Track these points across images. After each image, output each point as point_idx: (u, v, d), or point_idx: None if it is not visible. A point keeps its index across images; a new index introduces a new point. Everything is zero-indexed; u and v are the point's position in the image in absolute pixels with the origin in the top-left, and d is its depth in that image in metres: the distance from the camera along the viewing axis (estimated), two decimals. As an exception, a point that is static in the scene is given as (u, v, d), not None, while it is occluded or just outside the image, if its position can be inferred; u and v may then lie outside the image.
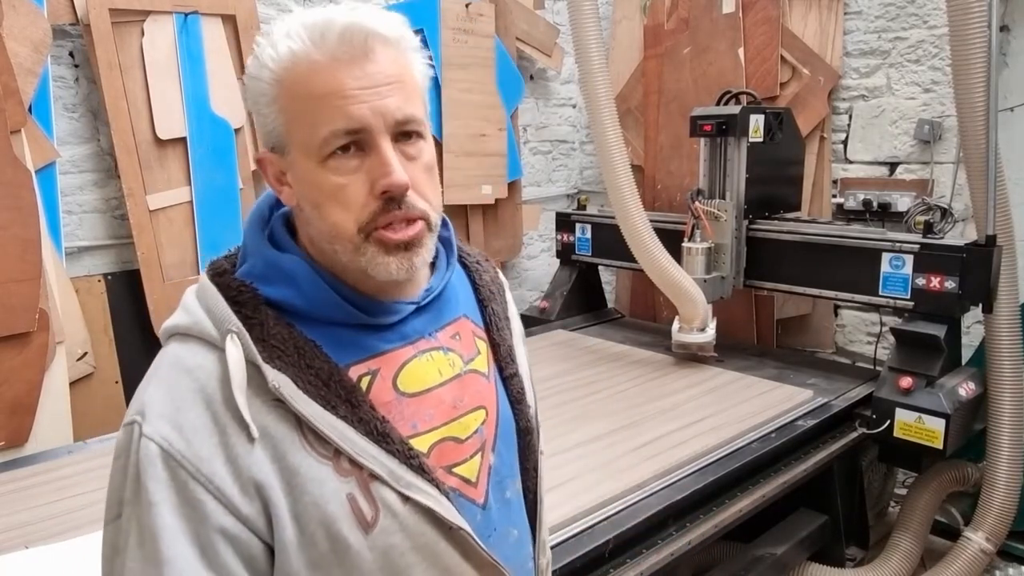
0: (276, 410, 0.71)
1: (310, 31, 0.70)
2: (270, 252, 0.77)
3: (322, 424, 0.71)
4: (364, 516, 0.72)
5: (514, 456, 0.89)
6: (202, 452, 0.68)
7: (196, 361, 0.72)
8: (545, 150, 3.95)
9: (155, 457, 0.68)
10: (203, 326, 0.73)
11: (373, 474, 0.73)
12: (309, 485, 0.70)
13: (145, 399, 0.71)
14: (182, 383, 0.71)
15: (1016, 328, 2.33)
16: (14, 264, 2.15)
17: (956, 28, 2.13)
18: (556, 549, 1.53)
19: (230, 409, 0.69)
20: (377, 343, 0.78)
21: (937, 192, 2.93)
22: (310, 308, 0.75)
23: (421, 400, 0.80)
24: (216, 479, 0.68)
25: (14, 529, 1.59)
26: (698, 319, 2.61)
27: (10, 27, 2.16)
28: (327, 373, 0.73)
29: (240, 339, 0.71)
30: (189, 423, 0.69)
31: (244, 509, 0.69)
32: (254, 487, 0.69)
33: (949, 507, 2.70)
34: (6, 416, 2.17)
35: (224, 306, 0.73)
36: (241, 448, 0.69)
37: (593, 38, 2.41)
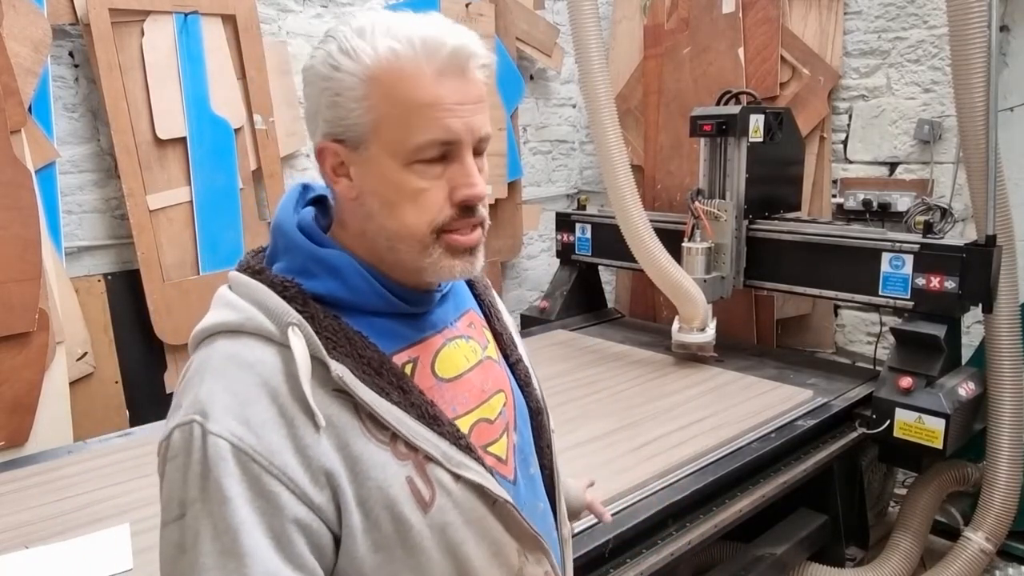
0: (337, 400, 0.74)
1: (423, 42, 0.74)
2: (311, 247, 0.79)
3: (381, 410, 0.74)
4: (423, 496, 0.76)
5: (530, 436, 0.95)
6: (272, 445, 0.70)
7: (255, 356, 0.73)
8: (545, 150, 3.95)
9: (226, 453, 0.69)
10: (258, 321, 0.74)
11: (428, 456, 0.76)
12: (372, 470, 0.73)
13: (202, 397, 0.71)
14: (244, 378, 0.72)
15: (1016, 328, 2.33)
16: (14, 264, 2.15)
17: (956, 28, 2.13)
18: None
19: (297, 401, 0.71)
20: (413, 332, 0.83)
21: (937, 192, 2.94)
22: (354, 300, 0.78)
23: (456, 385, 0.84)
24: (288, 470, 0.70)
25: (14, 529, 1.59)
26: (698, 319, 2.61)
27: (10, 27, 2.16)
28: (378, 362, 0.77)
29: (302, 331, 0.73)
30: (257, 417, 0.70)
31: (316, 499, 0.71)
32: (324, 476, 0.72)
33: (949, 507, 2.70)
34: (6, 416, 2.17)
35: (279, 301, 0.75)
36: (310, 439, 0.71)
37: (593, 38, 2.41)
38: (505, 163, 3.51)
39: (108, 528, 1.58)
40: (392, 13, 0.77)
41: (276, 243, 0.81)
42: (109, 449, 2.00)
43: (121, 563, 1.46)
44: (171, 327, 2.53)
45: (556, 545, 0.95)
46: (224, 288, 0.80)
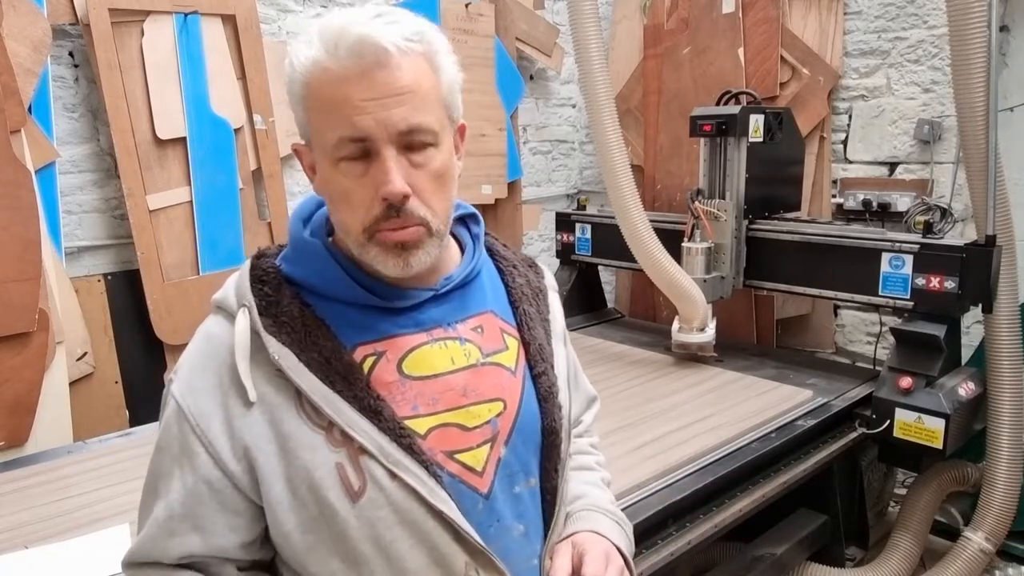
0: (277, 380, 0.79)
1: (324, 41, 0.75)
2: (296, 236, 0.86)
3: (317, 396, 0.78)
4: (352, 486, 0.78)
5: (533, 453, 0.89)
6: (204, 409, 0.79)
7: (216, 331, 0.83)
8: (545, 150, 3.95)
9: (171, 409, 0.81)
10: (227, 300, 0.84)
11: (363, 448, 0.78)
12: (301, 451, 0.78)
13: (181, 360, 0.84)
14: (202, 348, 0.83)
15: (1016, 328, 2.33)
16: (14, 264, 2.15)
17: (956, 28, 2.13)
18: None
19: (233, 375, 0.79)
20: (388, 327, 0.84)
21: (937, 192, 2.94)
22: (326, 287, 0.83)
23: (427, 384, 0.83)
24: (211, 434, 0.79)
25: (14, 529, 1.59)
26: (698, 319, 2.61)
27: (10, 27, 2.16)
28: (329, 351, 0.80)
29: (249, 313, 0.80)
30: (199, 383, 0.80)
31: (232, 466, 0.79)
32: (242, 449, 0.79)
33: (949, 507, 2.70)
34: (6, 416, 2.16)
35: (246, 283, 0.83)
36: (238, 411, 0.79)
37: (593, 38, 2.40)
38: (505, 163, 3.51)
39: (108, 528, 1.58)
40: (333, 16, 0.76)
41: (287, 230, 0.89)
42: (109, 449, 2.00)
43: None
44: (171, 327, 2.53)
45: (533, 572, 0.89)
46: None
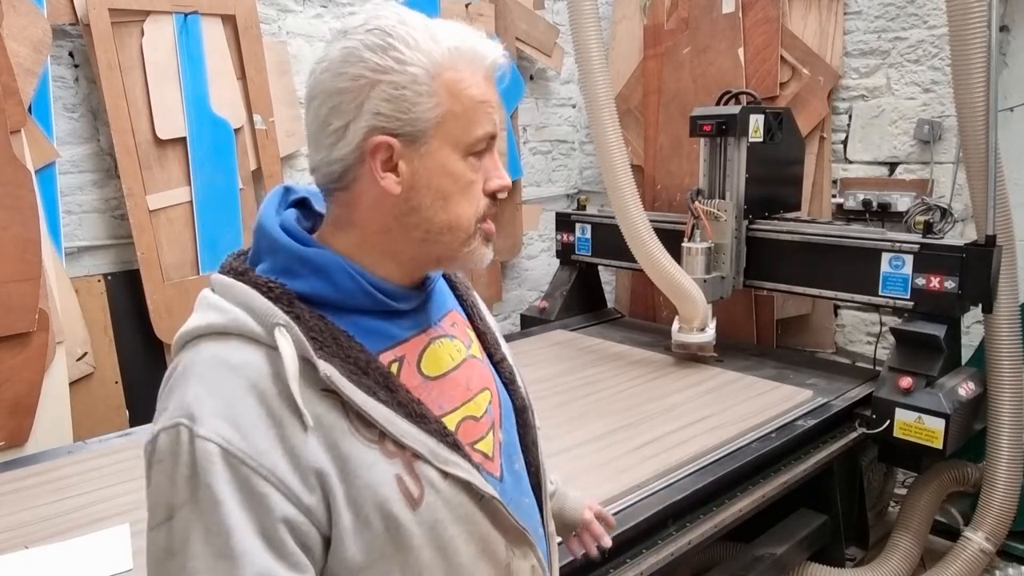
0: (325, 400, 0.74)
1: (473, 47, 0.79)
2: (295, 247, 0.78)
3: (369, 409, 0.75)
4: (411, 494, 0.76)
5: (515, 433, 0.96)
6: (260, 446, 0.70)
7: (242, 358, 0.73)
8: (545, 150, 3.95)
9: (215, 456, 0.69)
10: (243, 323, 0.74)
11: (416, 453, 0.77)
12: (361, 470, 0.74)
13: (189, 400, 0.71)
14: (230, 381, 0.72)
15: (1016, 328, 2.33)
16: (14, 264, 2.15)
17: (956, 28, 2.13)
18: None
19: (284, 402, 0.71)
20: (399, 331, 0.83)
21: (937, 192, 2.94)
22: (340, 298, 0.78)
23: (442, 383, 0.85)
24: (278, 471, 0.70)
25: (14, 529, 1.59)
26: (698, 319, 2.61)
27: (10, 27, 2.16)
28: (364, 361, 0.77)
29: (289, 332, 0.73)
30: (244, 419, 0.70)
31: (306, 499, 0.71)
32: (314, 475, 0.72)
33: (949, 507, 2.70)
34: (6, 416, 2.17)
35: (265, 301, 0.74)
36: (297, 439, 0.71)
37: (593, 38, 2.41)
38: (505, 163, 3.50)
39: (108, 528, 1.58)
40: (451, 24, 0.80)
41: (259, 244, 0.80)
42: (109, 449, 2.00)
43: (121, 563, 1.46)
44: (171, 327, 2.53)
45: (543, 540, 0.96)
46: (207, 291, 0.79)
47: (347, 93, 0.75)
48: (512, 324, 3.81)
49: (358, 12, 0.80)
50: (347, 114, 0.75)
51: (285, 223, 0.80)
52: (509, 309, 3.85)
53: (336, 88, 0.75)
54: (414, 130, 0.76)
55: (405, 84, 0.75)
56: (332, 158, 0.77)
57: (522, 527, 0.87)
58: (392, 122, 0.75)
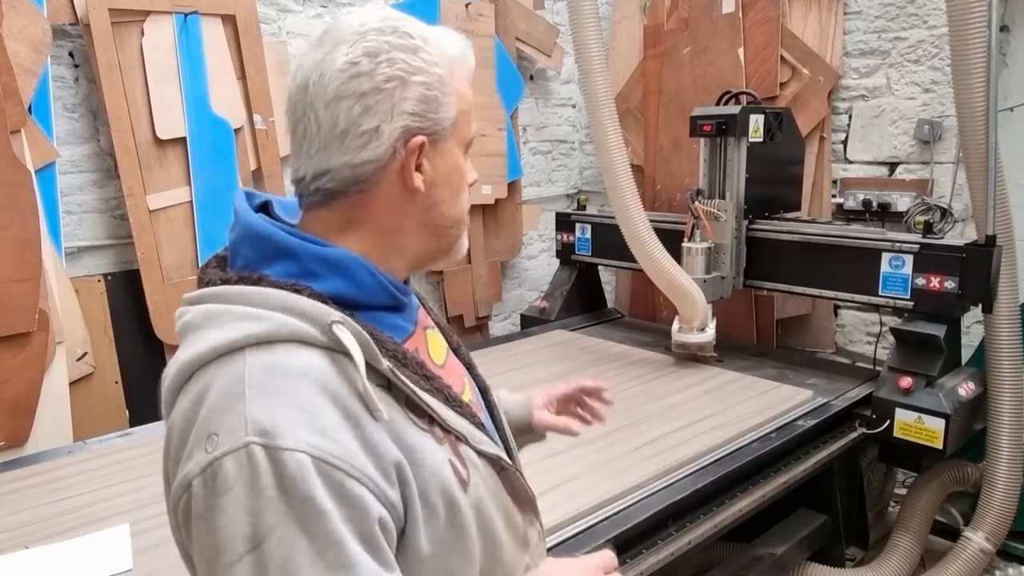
0: (384, 394, 0.74)
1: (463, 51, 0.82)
2: (316, 248, 0.76)
3: (422, 396, 0.76)
4: (462, 476, 0.78)
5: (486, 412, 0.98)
6: (350, 448, 0.68)
7: (303, 362, 0.69)
8: (545, 150, 3.95)
9: (308, 466, 0.64)
10: (293, 326, 0.70)
11: (458, 436, 0.79)
12: (425, 458, 0.74)
13: (257, 417, 0.65)
14: (300, 387, 0.68)
15: (1016, 328, 2.33)
16: (14, 264, 2.15)
17: (956, 28, 2.13)
18: (556, 549, 1.53)
19: (357, 399, 0.70)
20: (406, 324, 0.85)
21: (937, 192, 2.94)
22: (361, 296, 0.78)
23: (448, 370, 0.89)
24: (368, 471, 0.68)
25: (14, 529, 1.59)
26: (698, 319, 2.61)
27: (10, 27, 2.16)
28: (402, 353, 0.78)
29: (348, 327, 0.71)
30: (327, 423, 0.67)
31: (391, 495, 0.70)
32: (395, 469, 0.71)
33: (949, 507, 2.70)
34: (6, 416, 2.17)
35: (312, 302, 0.71)
36: (377, 435, 0.70)
37: (593, 38, 2.41)
38: (505, 163, 3.51)
39: (108, 528, 1.58)
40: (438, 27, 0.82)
41: (261, 251, 0.76)
42: (109, 449, 2.00)
43: (121, 563, 1.46)
44: (171, 327, 2.53)
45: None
46: (205, 308, 0.73)
47: (381, 93, 0.74)
48: (512, 324, 3.81)
49: (352, 13, 0.81)
50: (381, 115, 0.74)
51: (281, 226, 0.78)
52: (509, 309, 3.85)
53: (368, 88, 0.74)
54: (440, 129, 0.78)
55: (435, 85, 0.77)
56: (360, 160, 0.75)
57: (531, 494, 0.91)
58: (424, 122, 0.76)
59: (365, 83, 0.74)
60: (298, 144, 0.78)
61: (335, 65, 0.74)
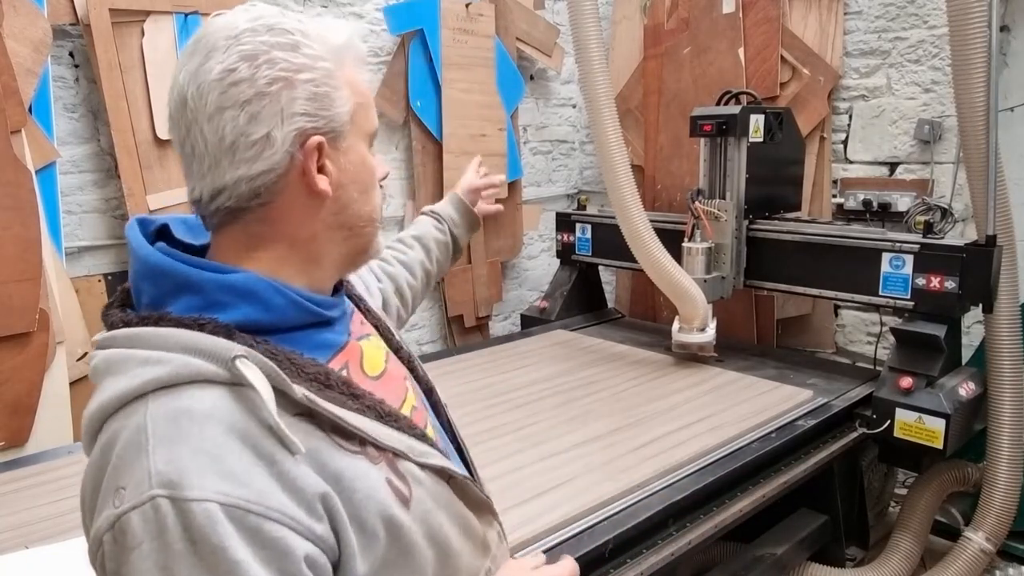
0: (301, 423, 0.70)
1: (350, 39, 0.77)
2: (217, 277, 0.72)
3: (347, 419, 0.72)
4: (402, 493, 0.75)
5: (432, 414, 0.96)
6: (263, 488, 0.65)
7: (207, 404, 0.66)
8: (545, 150, 3.95)
9: (218, 515, 0.62)
10: (195, 367, 0.66)
11: (396, 452, 0.76)
12: (356, 482, 0.71)
13: (161, 468, 0.63)
14: (205, 432, 0.64)
15: (1016, 328, 2.33)
16: (14, 264, 2.15)
17: (956, 28, 2.13)
18: (556, 549, 1.53)
19: (269, 435, 0.66)
20: (336, 338, 0.81)
21: (937, 192, 2.94)
22: (274, 319, 0.73)
23: (384, 380, 0.85)
24: (287, 509, 0.65)
25: (14, 529, 1.60)
26: (698, 319, 2.61)
27: (10, 27, 2.16)
28: (323, 374, 0.74)
29: (253, 360, 0.67)
30: (236, 466, 0.64)
31: (317, 530, 0.67)
32: (319, 502, 0.68)
33: (949, 507, 2.70)
34: (6, 416, 2.17)
35: (212, 338, 0.68)
36: (295, 470, 0.67)
37: (593, 38, 2.40)
38: (505, 163, 3.51)
39: (108, 528, 1.57)
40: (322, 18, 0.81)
41: (160, 287, 0.72)
42: (109, 449, 1.99)
43: (121, 563, 1.46)
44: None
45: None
46: (109, 353, 0.70)
47: (266, 97, 0.69)
48: (512, 324, 3.81)
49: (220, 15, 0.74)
50: (270, 120, 0.70)
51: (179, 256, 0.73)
52: (509, 309, 3.85)
53: (251, 95, 0.69)
54: (337, 126, 0.74)
55: (323, 80, 0.72)
56: (256, 172, 0.71)
57: (486, 498, 0.89)
58: (318, 121, 0.72)
59: (247, 90, 0.69)
60: (188, 163, 0.73)
61: (211, 75, 0.69)
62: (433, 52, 3.21)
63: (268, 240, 0.75)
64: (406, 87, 3.20)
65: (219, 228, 0.76)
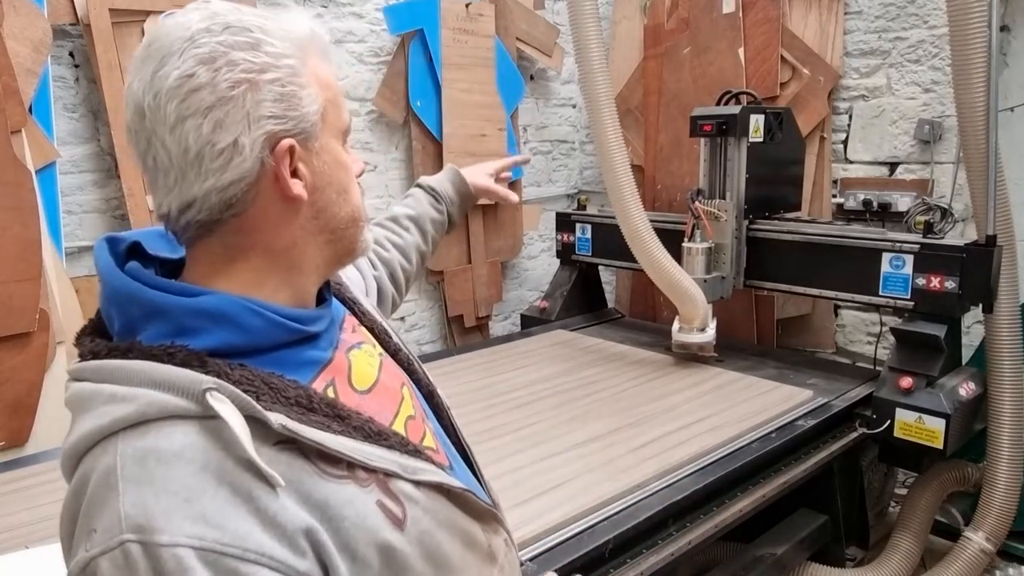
0: (281, 454, 0.66)
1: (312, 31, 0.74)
2: (185, 302, 0.68)
3: (331, 444, 0.68)
4: (396, 515, 0.71)
5: (435, 418, 0.93)
6: (240, 530, 0.61)
7: (176, 442, 0.62)
8: (545, 150, 3.95)
9: (191, 561, 0.59)
10: (162, 403, 0.63)
11: (387, 473, 0.72)
12: (344, 510, 0.67)
13: (129, 512, 0.60)
14: (174, 473, 0.61)
15: (1016, 328, 2.33)
16: (14, 264, 2.15)
17: (956, 28, 2.13)
18: (556, 549, 1.53)
19: (246, 471, 0.63)
20: (320, 354, 0.77)
21: (937, 192, 2.94)
22: (251, 341, 0.70)
23: (376, 393, 0.80)
24: (266, 549, 0.62)
25: (14, 529, 1.59)
26: (698, 319, 2.61)
27: (10, 27, 2.16)
28: (306, 397, 0.70)
29: (224, 392, 0.63)
30: (210, 507, 0.61)
31: (301, 567, 0.64)
32: (303, 536, 0.64)
33: (949, 507, 2.70)
34: (6, 416, 2.17)
35: (180, 371, 0.64)
36: (274, 505, 0.63)
37: (593, 38, 2.40)
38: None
39: (108, 528, 1.57)
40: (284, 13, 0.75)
41: (128, 314, 0.69)
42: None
43: (121, 563, 1.46)
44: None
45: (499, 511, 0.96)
46: (78, 388, 0.67)
47: (229, 102, 0.65)
48: (512, 324, 3.81)
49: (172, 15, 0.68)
50: (236, 126, 0.65)
51: (145, 279, 0.69)
52: (509, 309, 3.85)
53: (213, 101, 0.65)
54: (307, 126, 0.70)
55: (289, 79, 0.68)
56: (225, 182, 0.66)
57: (490, 507, 0.85)
58: (287, 123, 0.68)
59: (208, 96, 0.64)
60: (152, 177, 0.69)
61: (167, 83, 0.64)
62: (433, 52, 3.21)
63: (246, 251, 0.71)
64: (406, 87, 3.20)
65: (193, 242, 0.71)
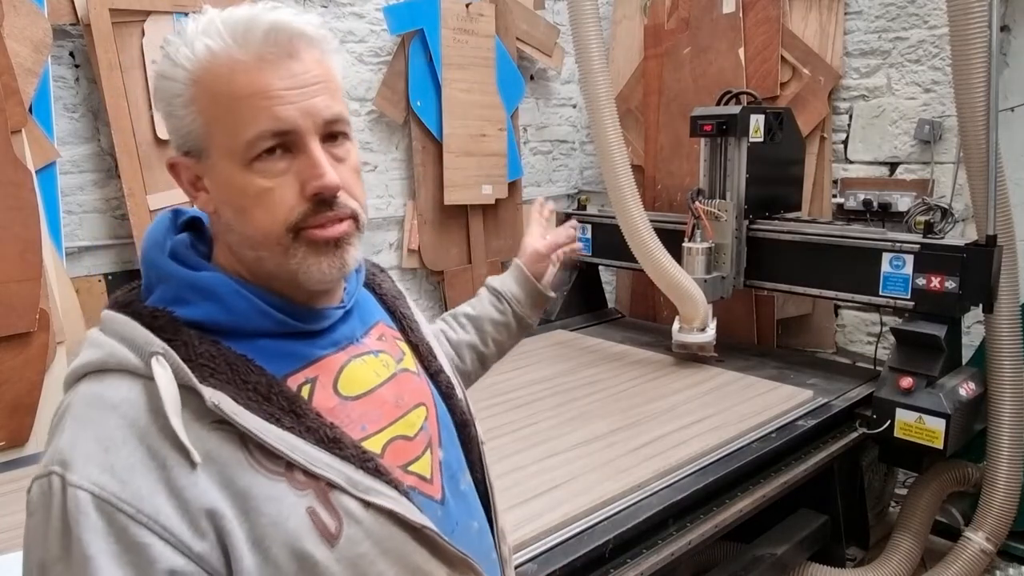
0: (217, 432, 0.67)
1: (232, 29, 0.69)
2: (183, 272, 0.72)
3: (270, 438, 0.68)
4: (327, 528, 0.69)
5: (459, 449, 0.90)
6: (141, 491, 0.63)
7: (119, 395, 0.66)
8: (545, 150, 3.95)
9: (87, 505, 0.62)
10: (120, 356, 0.67)
11: (331, 483, 0.70)
12: (265, 505, 0.66)
13: (62, 446, 0.65)
14: (107, 421, 0.65)
15: (1016, 328, 2.33)
16: (14, 264, 2.15)
17: (956, 28, 2.13)
18: (556, 549, 1.53)
19: (167, 438, 0.64)
20: (311, 351, 0.77)
21: (937, 192, 2.94)
22: (236, 322, 0.72)
23: (365, 402, 0.79)
24: (161, 517, 0.63)
25: (14, 529, 1.59)
26: (698, 319, 2.61)
27: (10, 27, 2.16)
28: (266, 386, 0.70)
29: (168, 359, 0.66)
30: (122, 462, 0.63)
31: (196, 546, 0.64)
32: (206, 518, 0.64)
33: (949, 507, 2.70)
34: (6, 416, 2.17)
35: (142, 330, 0.68)
36: (185, 479, 0.64)
37: (593, 38, 2.40)
38: (505, 163, 3.51)
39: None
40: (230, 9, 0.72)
41: (149, 276, 0.74)
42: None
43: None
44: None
45: (495, 566, 0.90)
46: (93, 329, 0.73)
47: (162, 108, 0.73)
48: (512, 324, 3.81)
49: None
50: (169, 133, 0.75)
51: (175, 247, 0.74)
52: (509, 309, 3.84)
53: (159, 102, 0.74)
54: (195, 145, 0.72)
55: (170, 99, 0.71)
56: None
57: (465, 556, 0.80)
58: (178, 139, 0.73)
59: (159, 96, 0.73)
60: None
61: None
62: (433, 52, 3.21)
63: (218, 238, 0.77)
64: (406, 87, 3.20)
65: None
